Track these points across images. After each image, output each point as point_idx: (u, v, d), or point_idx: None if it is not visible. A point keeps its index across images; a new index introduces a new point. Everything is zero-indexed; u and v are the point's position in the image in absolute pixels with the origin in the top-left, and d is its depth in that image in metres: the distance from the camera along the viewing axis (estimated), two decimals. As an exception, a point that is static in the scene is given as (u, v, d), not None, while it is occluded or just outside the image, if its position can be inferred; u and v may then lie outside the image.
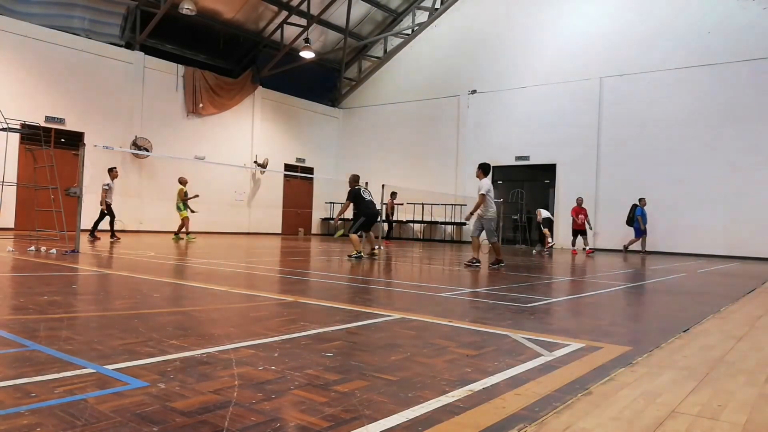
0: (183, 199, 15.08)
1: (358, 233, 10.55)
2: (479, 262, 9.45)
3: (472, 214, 9.60)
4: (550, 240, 16.48)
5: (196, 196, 15.38)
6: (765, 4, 16.60)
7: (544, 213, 16.85)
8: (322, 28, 22.88)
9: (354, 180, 11.04)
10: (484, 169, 9.63)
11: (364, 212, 10.70)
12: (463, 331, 3.65)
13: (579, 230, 16.19)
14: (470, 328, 3.75)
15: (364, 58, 25.58)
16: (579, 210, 16.17)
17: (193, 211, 15.26)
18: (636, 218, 16.61)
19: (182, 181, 15.25)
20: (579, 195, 19.19)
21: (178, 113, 19.89)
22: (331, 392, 2.21)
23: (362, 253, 10.29)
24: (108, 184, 13.68)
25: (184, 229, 15.08)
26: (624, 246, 17.10)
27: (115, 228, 13.78)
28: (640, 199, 16.80)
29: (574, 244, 16.51)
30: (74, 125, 16.91)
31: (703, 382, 2.58)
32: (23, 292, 4.81)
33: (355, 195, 10.73)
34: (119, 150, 15.48)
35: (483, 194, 9.29)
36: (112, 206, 13.72)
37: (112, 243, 12.50)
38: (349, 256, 10.26)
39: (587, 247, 16.19)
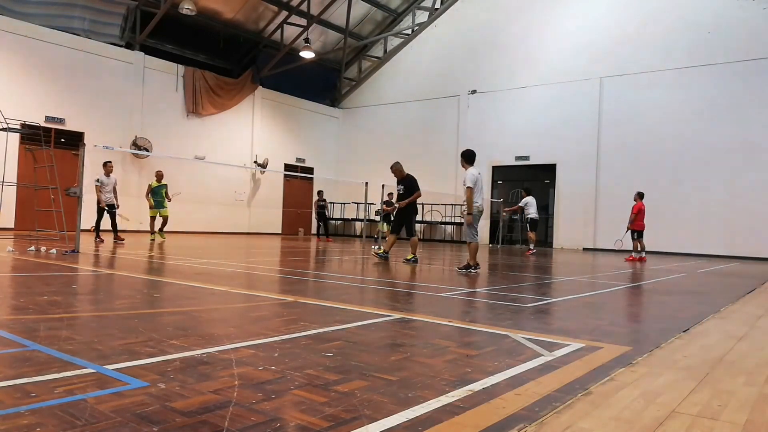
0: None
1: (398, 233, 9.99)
2: (477, 266, 8.43)
3: (470, 214, 8.30)
4: (531, 247, 15.03)
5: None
6: (765, 4, 16.61)
7: (531, 212, 15.20)
8: (322, 28, 22.88)
9: (402, 167, 10.17)
10: (466, 157, 8.38)
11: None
12: (463, 331, 3.65)
13: (640, 230, 13.71)
14: (470, 328, 3.75)
15: (364, 58, 25.58)
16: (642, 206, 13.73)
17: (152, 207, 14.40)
18: None
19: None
20: (579, 194, 19.27)
21: (178, 113, 19.89)
22: (331, 392, 2.21)
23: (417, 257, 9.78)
24: (99, 180, 12.87)
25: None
26: None
27: (100, 228, 12.93)
28: None
29: (642, 248, 13.66)
30: (74, 125, 16.91)
31: (703, 382, 2.58)
32: (23, 292, 4.81)
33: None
34: (119, 150, 15.47)
35: (470, 187, 8.12)
36: (108, 204, 12.89)
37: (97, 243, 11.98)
38: (407, 259, 9.72)
39: (642, 253, 13.57)
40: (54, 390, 2.09)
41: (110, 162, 13.17)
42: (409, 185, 10.00)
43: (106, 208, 12.93)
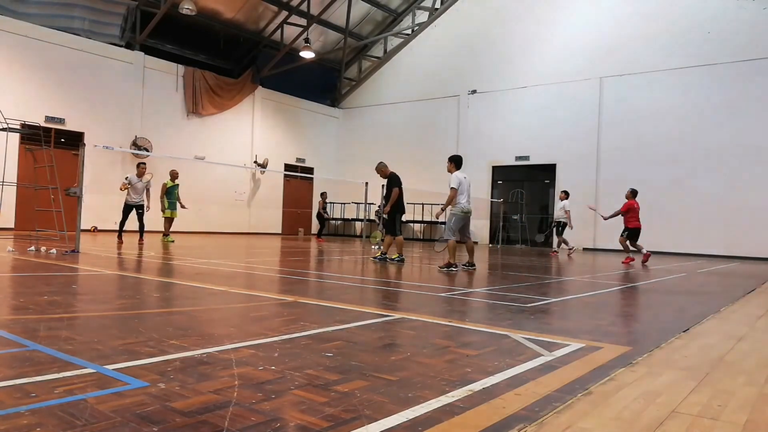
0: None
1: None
2: (456, 266, 8.55)
3: (443, 210, 9.11)
4: (565, 246, 15.39)
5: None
6: (765, 4, 16.61)
7: (559, 213, 15.21)
8: (322, 28, 22.88)
9: (386, 166, 10.37)
10: (455, 161, 9.03)
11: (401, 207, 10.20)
12: (463, 331, 3.65)
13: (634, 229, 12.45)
14: (470, 328, 3.75)
15: (364, 58, 25.58)
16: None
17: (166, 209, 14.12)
18: None
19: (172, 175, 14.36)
20: (579, 194, 19.27)
21: (178, 113, 19.89)
22: (331, 392, 2.21)
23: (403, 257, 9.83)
24: (128, 178, 12.61)
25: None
26: None
27: (123, 229, 12.71)
28: None
29: (627, 249, 12.67)
30: (74, 125, 16.91)
31: (703, 382, 2.58)
32: (23, 292, 4.81)
33: (399, 183, 10.11)
34: (119, 150, 15.48)
35: (454, 188, 8.74)
36: (133, 206, 12.68)
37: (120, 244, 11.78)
38: (391, 258, 9.85)
39: (630, 254, 12.61)
40: (54, 390, 2.09)
41: (144, 164, 12.90)
42: (387, 184, 10.17)
43: (136, 209, 12.77)
